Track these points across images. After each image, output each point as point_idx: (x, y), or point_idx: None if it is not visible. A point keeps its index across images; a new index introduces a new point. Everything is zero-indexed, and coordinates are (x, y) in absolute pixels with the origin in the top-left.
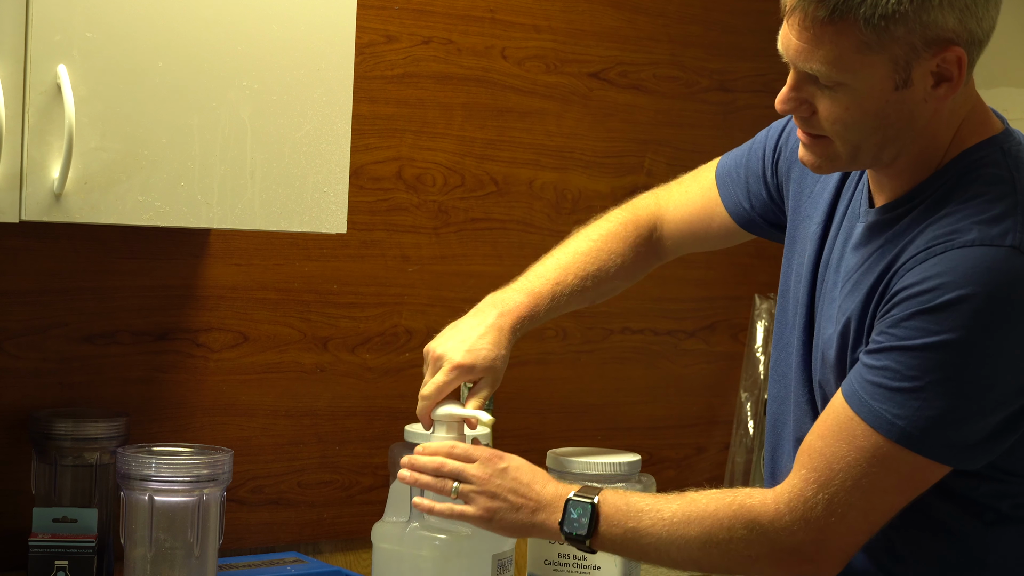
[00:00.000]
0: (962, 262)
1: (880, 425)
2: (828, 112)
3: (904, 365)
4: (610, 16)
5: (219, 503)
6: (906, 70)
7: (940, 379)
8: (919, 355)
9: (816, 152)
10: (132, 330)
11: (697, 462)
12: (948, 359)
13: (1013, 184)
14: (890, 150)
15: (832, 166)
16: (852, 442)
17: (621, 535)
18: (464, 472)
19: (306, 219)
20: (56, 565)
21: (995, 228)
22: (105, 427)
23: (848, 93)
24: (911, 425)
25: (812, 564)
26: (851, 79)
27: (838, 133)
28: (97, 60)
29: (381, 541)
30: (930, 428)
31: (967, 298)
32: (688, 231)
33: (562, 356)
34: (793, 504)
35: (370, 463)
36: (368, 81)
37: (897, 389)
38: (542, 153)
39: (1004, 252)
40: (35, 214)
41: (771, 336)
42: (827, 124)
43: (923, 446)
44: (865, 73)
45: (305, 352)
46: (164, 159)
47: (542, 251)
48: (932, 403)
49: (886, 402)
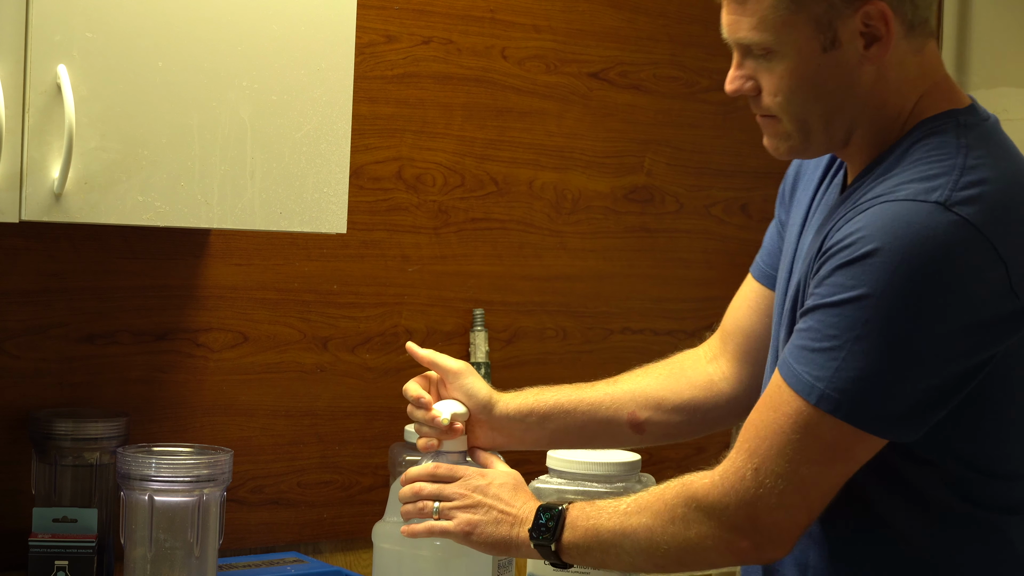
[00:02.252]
0: (882, 215)
1: (801, 388)
2: (768, 84)
3: (824, 324)
4: (610, 16)
5: (219, 503)
6: (830, 28)
7: (856, 337)
8: (836, 312)
9: (770, 134)
10: (132, 330)
11: (697, 462)
12: (863, 315)
13: (958, 149)
14: (839, 123)
15: (789, 147)
16: (779, 408)
17: (583, 535)
18: (443, 491)
19: (306, 219)
20: (56, 565)
21: (926, 184)
22: (105, 427)
23: (780, 60)
24: (829, 387)
25: (750, 541)
26: (777, 42)
27: (782, 107)
28: (97, 60)
29: (381, 541)
30: (848, 390)
31: (880, 251)
32: (746, 329)
33: (562, 356)
34: (726, 475)
35: (370, 463)
36: (368, 81)
37: (817, 350)
38: (542, 153)
39: (927, 207)
40: (35, 214)
41: None
42: (769, 99)
43: (842, 410)
44: (789, 35)
45: (305, 352)
46: (164, 159)
47: (542, 251)
48: (849, 363)
49: (807, 364)
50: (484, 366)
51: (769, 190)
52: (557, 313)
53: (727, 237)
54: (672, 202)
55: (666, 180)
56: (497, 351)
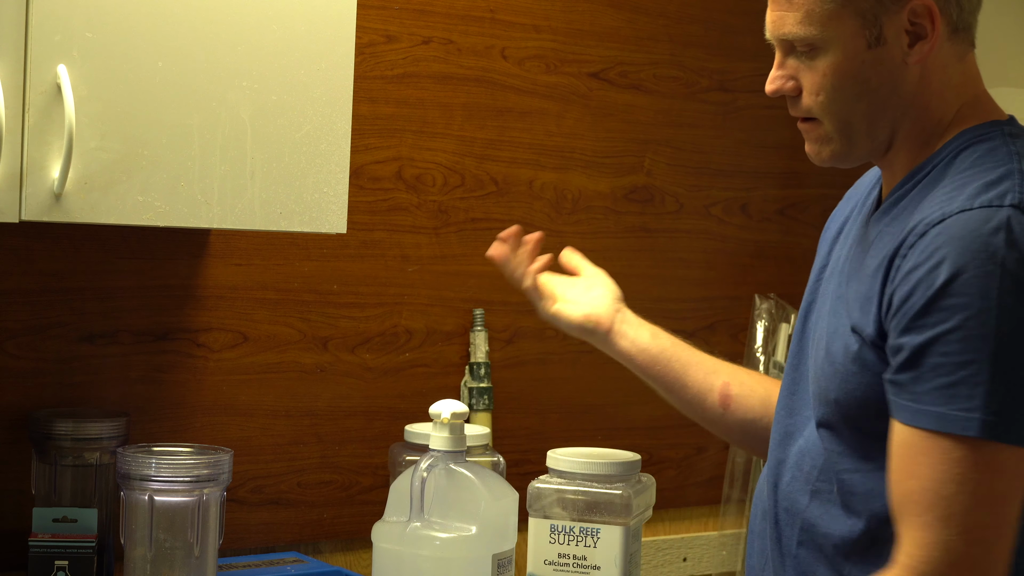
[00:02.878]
0: (959, 229)
1: (959, 427)
2: (811, 83)
3: (950, 353)
4: (610, 16)
5: (219, 503)
6: (876, 25)
7: (992, 354)
8: (958, 336)
9: (811, 138)
10: (132, 330)
11: (697, 462)
12: (987, 330)
13: (1010, 155)
14: (881, 124)
15: (831, 151)
16: (945, 459)
17: None
18: None
19: (306, 219)
20: (56, 565)
21: (993, 191)
22: (105, 427)
23: (824, 57)
24: (986, 413)
25: None
26: (822, 37)
27: (824, 106)
28: (97, 60)
29: (381, 541)
30: (1004, 409)
31: (974, 263)
32: None
33: (562, 356)
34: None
35: (370, 463)
36: (368, 81)
37: (956, 383)
38: (542, 153)
39: (1005, 211)
40: (35, 214)
41: (771, 336)
42: (811, 99)
43: (1010, 431)
44: (835, 29)
45: (305, 352)
46: (164, 159)
47: (542, 251)
48: (996, 382)
49: (950, 401)
50: (484, 366)
51: (769, 190)
52: None
53: (727, 237)
54: (672, 202)
55: (666, 180)
56: (497, 351)
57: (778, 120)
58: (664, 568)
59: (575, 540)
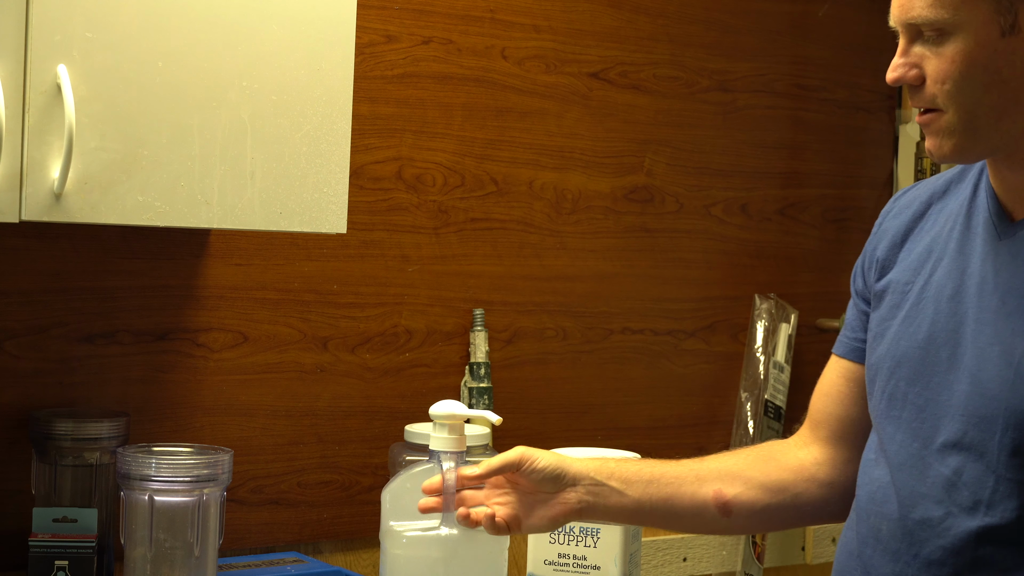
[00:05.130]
0: None
1: None
2: (936, 71)
3: None
4: (610, 16)
5: (219, 503)
6: (1011, 12)
7: None
8: None
9: (932, 131)
10: (132, 330)
11: None
12: None
13: None
14: (1010, 119)
15: (953, 145)
16: None
17: None
18: None
19: (306, 219)
20: (56, 565)
21: None
22: (105, 427)
23: (953, 44)
24: None
25: None
26: (953, 22)
27: (949, 95)
28: (97, 60)
29: (403, 549)
30: None
31: None
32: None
33: (562, 356)
34: None
35: (370, 463)
36: (368, 81)
37: None
38: (542, 153)
39: None
40: (35, 214)
41: (771, 336)
42: (935, 87)
43: None
44: (967, 14)
45: (305, 352)
46: (164, 159)
47: (542, 251)
48: None
49: None
50: (484, 366)
51: (769, 190)
52: (557, 313)
53: (727, 237)
54: (672, 202)
55: (666, 180)
56: (497, 351)
57: (778, 120)
58: (664, 568)
59: (575, 540)
